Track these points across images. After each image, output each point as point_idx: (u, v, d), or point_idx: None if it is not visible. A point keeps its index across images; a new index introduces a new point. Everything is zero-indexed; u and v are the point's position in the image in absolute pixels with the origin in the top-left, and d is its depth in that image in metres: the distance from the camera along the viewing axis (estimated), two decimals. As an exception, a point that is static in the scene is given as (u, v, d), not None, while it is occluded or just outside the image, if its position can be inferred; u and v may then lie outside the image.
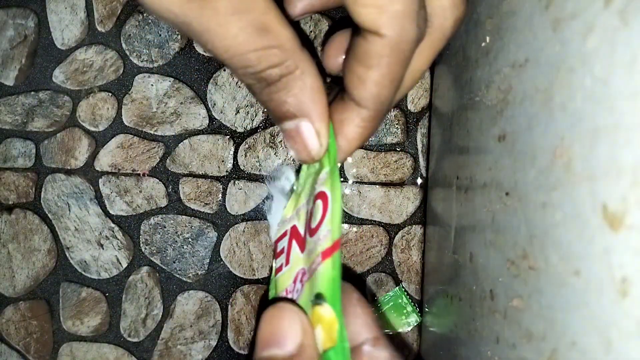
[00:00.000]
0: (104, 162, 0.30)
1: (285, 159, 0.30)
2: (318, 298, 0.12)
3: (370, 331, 0.13)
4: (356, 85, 0.14)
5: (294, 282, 0.14)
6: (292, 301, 0.13)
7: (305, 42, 0.26)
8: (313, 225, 0.13)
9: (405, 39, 0.13)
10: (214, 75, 0.30)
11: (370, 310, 0.13)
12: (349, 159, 0.30)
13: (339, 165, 0.13)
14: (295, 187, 0.16)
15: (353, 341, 0.13)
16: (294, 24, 0.13)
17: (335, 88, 0.15)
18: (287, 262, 0.15)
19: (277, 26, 0.12)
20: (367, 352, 0.13)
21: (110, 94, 0.30)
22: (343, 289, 0.13)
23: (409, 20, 0.12)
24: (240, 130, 0.30)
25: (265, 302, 0.14)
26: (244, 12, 0.12)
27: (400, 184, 0.30)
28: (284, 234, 0.15)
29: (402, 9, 0.12)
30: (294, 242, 0.15)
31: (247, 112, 0.30)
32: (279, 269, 0.15)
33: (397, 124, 0.30)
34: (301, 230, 0.15)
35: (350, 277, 0.30)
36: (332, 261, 0.12)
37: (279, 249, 0.15)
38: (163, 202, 0.30)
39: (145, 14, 0.30)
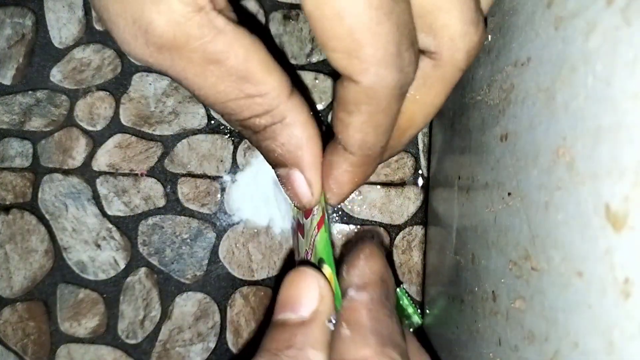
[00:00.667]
0: (101, 162, 0.30)
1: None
2: (320, 263, 0.13)
3: (361, 279, 0.13)
4: (340, 130, 0.13)
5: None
6: (314, 266, 0.13)
7: (298, 85, 0.26)
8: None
9: (382, 85, 0.11)
10: (213, 74, 0.30)
11: (368, 260, 0.14)
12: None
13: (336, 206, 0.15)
14: None
15: (344, 289, 0.13)
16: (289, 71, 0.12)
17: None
18: (298, 253, 0.16)
19: (259, 74, 0.12)
20: (349, 296, 0.13)
21: (108, 93, 0.30)
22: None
23: (384, 65, 0.11)
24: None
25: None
26: (220, 61, 0.11)
27: (401, 184, 0.30)
28: (296, 230, 0.17)
29: (374, 53, 0.11)
30: (298, 234, 0.16)
31: (246, 112, 0.30)
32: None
33: (396, 124, 0.30)
34: (301, 220, 0.16)
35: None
36: (324, 228, 0.13)
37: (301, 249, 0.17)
38: (161, 203, 0.30)
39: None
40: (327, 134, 0.14)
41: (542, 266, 0.13)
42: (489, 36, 0.17)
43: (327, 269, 0.13)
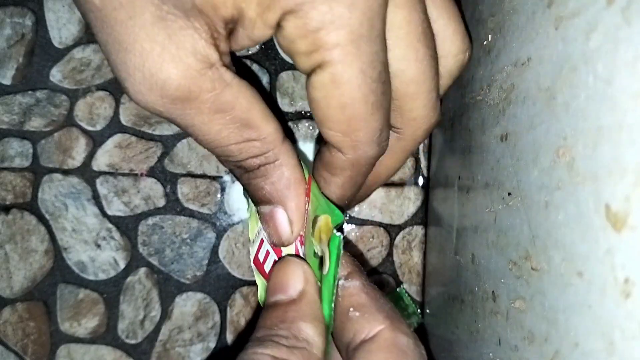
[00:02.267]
0: (101, 161, 0.30)
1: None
2: (315, 222, 0.15)
3: (345, 268, 0.15)
4: (322, 185, 0.16)
5: (296, 249, 0.16)
6: (298, 256, 0.15)
7: (289, 135, 0.27)
8: None
9: (364, 157, 0.14)
10: (213, 74, 0.30)
11: (344, 253, 0.15)
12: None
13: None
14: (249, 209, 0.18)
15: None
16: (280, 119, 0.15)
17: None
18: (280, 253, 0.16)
19: (259, 121, 0.13)
20: (340, 285, 0.14)
21: (108, 93, 0.30)
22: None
23: (368, 144, 0.14)
24: (239, 130, 0.30)
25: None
26: (227, 110, 0.13)
27: (401, 184, 0.30)
28: (260, 245, 0.17)
29: (363, 136, 0.14)
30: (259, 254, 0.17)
31: (246, 111, 0.30)
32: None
33: (396, 124, 0.30)
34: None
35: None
36: (312, 190, 0.15)
37: (261, 260, 0.17)
38: (161, 203, 0.30)
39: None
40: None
41: (542, 266, 0.13)
42: (489, 36, 0.17)
43: (321, 218, 0.14)
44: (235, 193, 0.30)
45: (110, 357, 0.29)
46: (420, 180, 0.30)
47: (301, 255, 0.15)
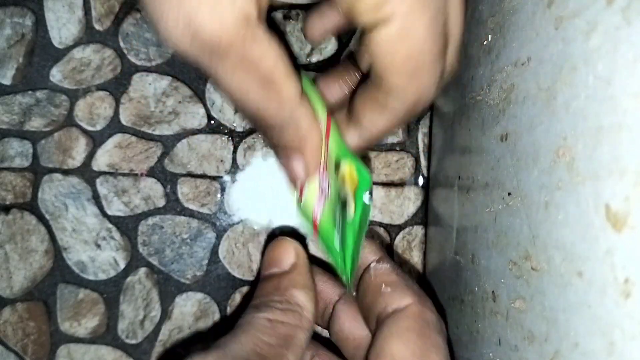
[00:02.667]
0: (101, 162, 0.30)
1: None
2: (337, 167, 0.16)
3: (375, 254, 0.17)
4: (362, 124, 0.16)
5: (320, 185, 0.17)
6: (289, 237, 0.17)
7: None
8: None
9: (424, 100, 0.15)
10: (213, 74, 0.30)
11: (374, 242, 0.17)
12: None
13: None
14: None
15: (363, 265, 0.17)
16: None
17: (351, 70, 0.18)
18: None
19: (281, 81, 0.14)
20: (372, 267, 0.16)
21: (108, 93, 0.30)
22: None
23: (431, 88, 0.15)
24: (239, 129, 0.30)
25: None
26: (252, 66, 0.13)
27: (401, 184, 0.30)
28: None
29: (427, 81, 0.15)
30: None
31: (246, 111, 0.30)
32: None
33: (396, 124, 0.30)
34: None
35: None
36: (332, 133, 0.16)
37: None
38: (161, 203, 0.30)
39: (143, 13, 0.29)
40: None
41: (543, 266, 0.13)
42: (489, 36, 0.17)
43: (344, 165, 0.15)
44: (235, 193, 0.30)
45: (110, 357, 0.29)
46: (420, 180, 0.30)
47: (322, 190, 0.16)
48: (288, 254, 0.16)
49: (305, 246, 0.17)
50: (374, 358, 0.14)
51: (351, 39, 0.29)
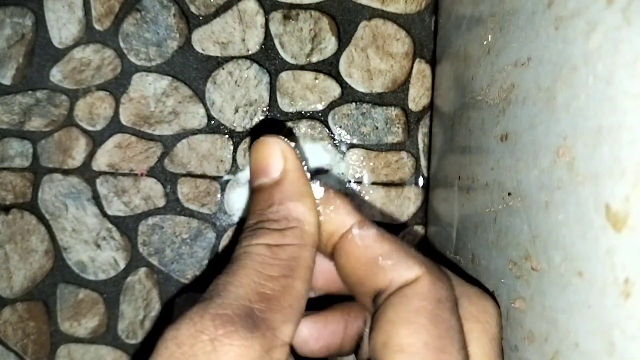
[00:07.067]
0: (101, 162, 0.30)
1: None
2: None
3: (354, 216, 0.14)
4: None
5: None
6: (273, 134, 0.14)
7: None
8: None
9: None
10: (213, 73, 0.30)
11: (349, 199, 0.15)
12: (348, 159, 0.30)
13: None
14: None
15: (341, 229, 0.14)
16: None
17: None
18: None
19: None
20: (355, 234, 0.14)
21: (108, 93, 0.30)
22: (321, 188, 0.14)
23: None
24: (239, 129, 0.30)
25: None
26: None
27: (401, 184, 0.30)
28: None
29: None
30: None
31: (247, 111, 0.30)
32: None
33: (398, 124, 0.30)
34: None
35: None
36: None
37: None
38: (161, 203, 0.30)
39: (143, 13, 0.29)
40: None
41: (543, 266, 0.13)
42: (489, 36, 0.17)
43: None
44: (235, 193, 0.30)
45: (110, 357, 0.29)
46: (420, 180, 0.30)
47: None
48: (274, 158, 0.14)
49: (295, 141, 0.14)
50: (380, 348, 0.12)
51: (351, 39, 0.29)
